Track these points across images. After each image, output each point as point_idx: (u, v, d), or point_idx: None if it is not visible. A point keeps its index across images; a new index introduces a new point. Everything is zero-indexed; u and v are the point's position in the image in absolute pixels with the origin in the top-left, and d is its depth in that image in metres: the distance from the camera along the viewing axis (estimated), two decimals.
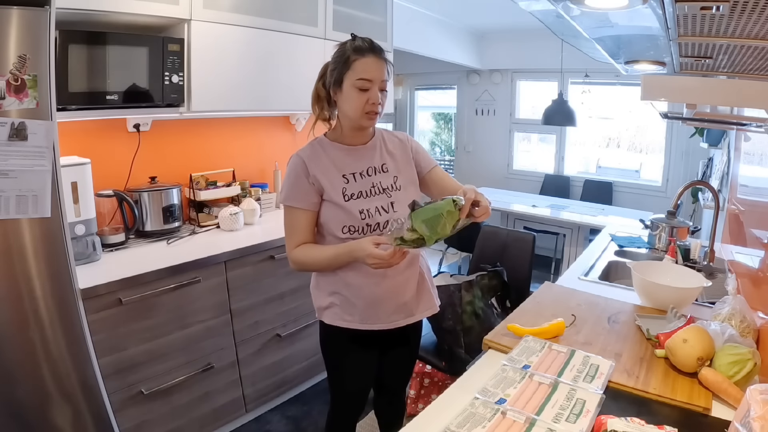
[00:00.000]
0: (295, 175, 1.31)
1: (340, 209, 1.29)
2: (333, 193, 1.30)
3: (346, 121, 1.33)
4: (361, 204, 1.31)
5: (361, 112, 1.26)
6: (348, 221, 1.30)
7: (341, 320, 1.38)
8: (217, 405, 2.01)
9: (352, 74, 1.24)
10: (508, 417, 0.89)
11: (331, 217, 1.31)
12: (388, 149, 1.41)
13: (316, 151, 1.34)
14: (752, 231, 1.58)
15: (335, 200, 1.30)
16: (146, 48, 1.81)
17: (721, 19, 0.74)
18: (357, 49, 1.25)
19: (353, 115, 1.28)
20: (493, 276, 2.04)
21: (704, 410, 0.97)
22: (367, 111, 1.26)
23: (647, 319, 1.34)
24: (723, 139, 3.06)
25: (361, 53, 1.24)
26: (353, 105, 1.26)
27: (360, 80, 1.23)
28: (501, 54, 5.16)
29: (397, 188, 1.37)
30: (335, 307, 1.38)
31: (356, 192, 1.32)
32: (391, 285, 1.35)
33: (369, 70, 1.24)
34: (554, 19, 1.29)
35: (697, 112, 1.47)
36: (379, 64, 1.25)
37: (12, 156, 1.29)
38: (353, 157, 1.35)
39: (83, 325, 1.50)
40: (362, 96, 1.24)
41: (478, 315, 1.90)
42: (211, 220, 2.33)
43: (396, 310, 1.38)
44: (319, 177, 1.30)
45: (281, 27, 2.25)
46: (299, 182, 1.30)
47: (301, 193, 1.30)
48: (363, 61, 1.24)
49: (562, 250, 4.14)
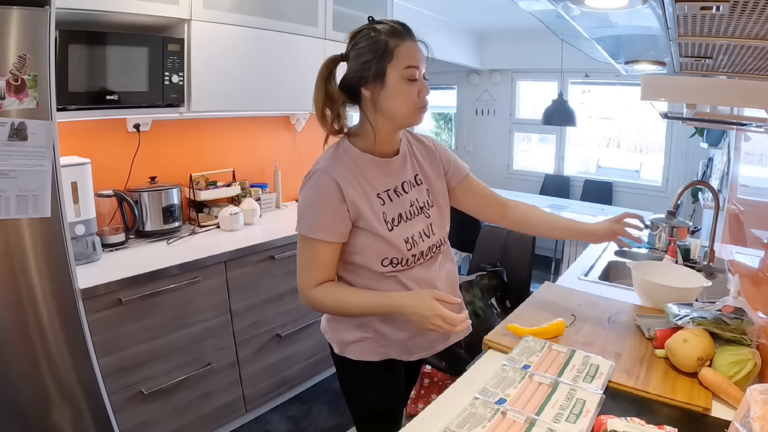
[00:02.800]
0: (325, 200, 1.05)
1: (381, 240, 1.08)
2: (374, 221, 1.08)
3: (388, 124, 1.09)
4: (404, 231, 1.11)
5: (413, 107, 1.05)
6: (391, 253, 1.09)
7: (374, 354, 1.18)
8: (217, 405, 2.01)
9: (397, 63, 1.02)
10: (508, 417, 0.89)
11: (367, 248, 1.09)
12: (417, 157, 1.20)
13: (346, 165, 1.08)
14: (752, 231, 1.58)
15: (377, 231, 1.08)
16: (146, 48, 1.81)
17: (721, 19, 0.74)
18: (394, 32, 1.03)
19: (403, 112, 1.06)
20: (493, 276, 2.04)
21: (704, 410, 0.97)
22: (419, 105, 1.06)
23: (647, 319, 1.34)
24: (723, 139, 3.06)
25: (401, 37, 1.03)
26: (404, 100, 1.04)
27: (409, 68, 1.02)
28: (501, 54, 5.16)
29: (431, 205, 1.19)
30: (367, 341, 1.17)
31: (396, 216, 1.11)
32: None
33: (415, 54, 1.03)
34: (554, 19, 1.29)
35: (697, 112, 1.47)
36: (419, 48, 1.06)
37: (12, 156, 1.29)
38: (386, 171, 1.13)
39: (83, 325, 1.50)
40: (412, 87, 1.03)
41: (478, 315, 1.90)
42: (211, 220, 2.33)
43: (439, 336, 1.21)
44: (357, 202, 1.06)
45: (281, 27, 2.25)
46: (331, 210, 1.05)
47: (332, 224, 1.06)
48: (406, 46, 1.03)
49: (562, 250, 4.13)
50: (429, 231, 1.17)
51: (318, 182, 1.07)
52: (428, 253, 1.17)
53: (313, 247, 1.07)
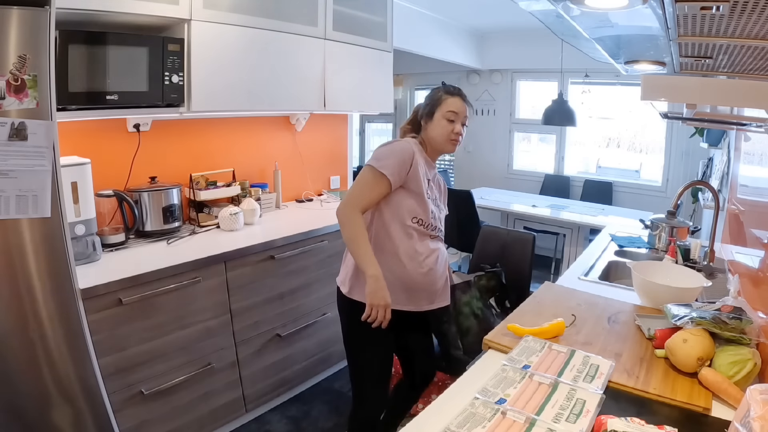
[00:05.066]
0: (402, 153, 1.50)
1: (420, 201, 1.52)
2: (422, 186, 1.52)
3: (432, 144, 1.59)
4: (432, 205, 1.57)
5: (447, 138, 1.55)
6: (421, 213, 1.53)
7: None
8: (217, 405, 2.01)
9: (443, 107, 1.55)
10: (508, 417, 0.89)
11: (408, 205, 1.51)
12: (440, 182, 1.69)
13: (420, 150, 1.58)
14: (752, 231, 1.58)
15: (421, 192, 1.52)
16: (146, 48, 1.81)
17: (721, 19, 0.74)
18: (449, 91, 1.58)
19: (440, 140, 1.56)
20: (492, 277, 2.04)
21: (704, 410, 0.97)
22: (451, 138, 1.55)
23: (647, 319, 1.34)
24: (723, 139, 3.06)
25: (451, 94, 1.57)
26: (441, 132, 1.55)
27: (449, 112, 1.54)
28: (501, 54, 5.16)
29: (443, 208, 1.67)
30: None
31: (431, 195, 1.59)
32: (434, 275, 1.58)
33: (456, 105, 1.55)
34: (554, 19, 1.29)
35: (697, 112, 1.47)
36: (464, 105, 1.57)
37: (12, 156, 1.29)
38: (430, 169, 1.62)
39: (83, 325, 1.50)
40: (449, 125, 1.54)
41: (477, 315, 1.90)
42: (211, 220, 2.33)
43: (427, 297, 1.59)
44: (418, 171, 1.51)
45: (281, 27, 2.25)
46: (402, 161, 1.49)
47: (399, 170, 1.48)
48: (452, 100, 1.56)
49: (562, 250, 4.14)
50: (440, 216, 1.64)
51: (403, 144, 1.54)
52: (436, 230, 1.60)
53: (378, 178, 1.48)
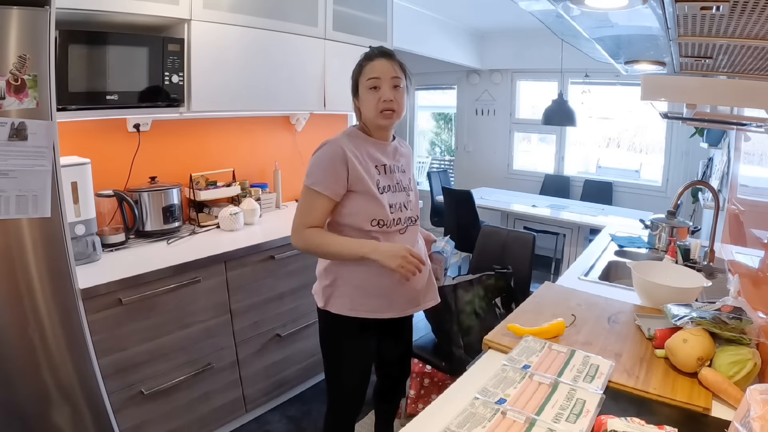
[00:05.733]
0: (330, 161, 1.32)
1: (373, 201, 1.34)
2: (370, 184, 1.34)
3: (369, 123, 1.40)
4: (391, 198, 1.39)
5: (376, 111, 1.33)
6: (379, 214, 1.35)
7: (350, 310, 1.40)
8: (217, 405, 2.01)
9: (363, 78, 1.34)
10: (508, 417, 0.89)
11: (361, 209, 1.35)
12: (402, 154, 1.50)
13: (353, 141, 1.38)
14: (752, 231, 1.58)
15: (370, 191, 1.34)
16: (146, 48, 1.81)
17: (721, 19, 0.74)
18: (367, 55, 1.37)
19: (370, 115, 1.35)
20: (500, 277, 2.03)
21: (704, 410, 0.97)
22: (381, 109, 1.33)
23: (647, 319, 1.34)
24: (723, 139, 3.06)
25: (370, 58, 1.35)
26: (368, 105, 1.34)
27: (369, 79, 1.32)
28: (501, 54, 5.16)
29: (411, 189, 1.48)
30: (345, 297, 1.40)
31: (386, 185, 1.39)
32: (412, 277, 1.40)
33: (376, 69, 1.33)
34: (554, 19, 1.29)
35: (697, 112, 1.47)
36: (388, 64, 1.33)
37: (12, 156, 1.29)
38: (381, 152, 1.42)
39: (83, 325, 1.50)
40: (374, 95, 1.33)
41: (478, 314, 1.90)
42: (211, 220, 2.33)
43: (409, 300, 1.45)
44: (357, 167, 1.33)
45: (281, 27, 2.25)
46: (334, 170, 1.32)
47: (333, 181, 1.32)
48: (371, 64, 1.34)
49: (562, 250, 4.14)
50: (408, 205, 1.44)
51: (329, 148, 1.34)
52: (405, 221, 1.43)
53: (314, 197, 1.33)
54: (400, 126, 6.34)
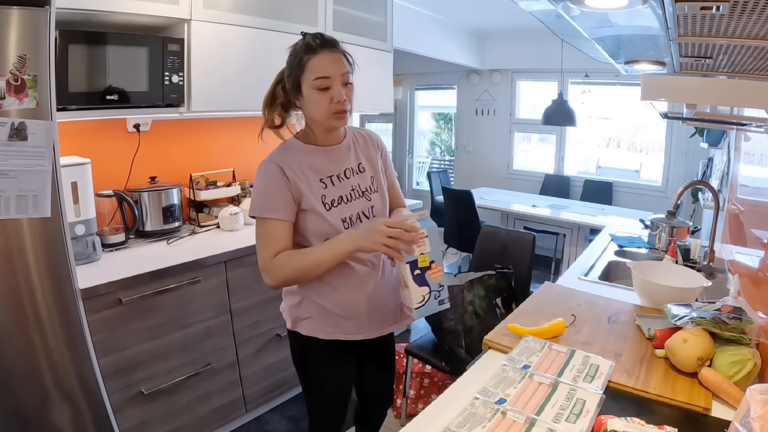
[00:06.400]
0: (272, 182, 1.18)
1: (321, 219, 1.20)
2: (313, 201, 1.20)
3: (315, 126, 1.23)
4: (342, 211, 1.23)
5: (328, 114, 1.17)
6: (331, 232, 1.21)
7: (320, 332, 1.28)
8: (217, 405, 2.01)
9: (308, 75, 1.15)
10: (508, 417, 0.89)
11: (311, 228, 1.21)
12: (361, 148, 1.33)
13: (290, 155, 1.22)
14: (752, 231, 1.58)
15: (316, 209, 1.20)
16: (146, 48, 1.81)
17: (721, 19, 0.74)
18: (308, 47, 1.15)
19: (320, 118, 1.18)
20: (501, 277, 2.03)
21: (704, 410, 0.97)
22: (334, 111, 1.16)
23: (647, 319, 1.34)
24: (723, 139, 3.06)
25: (313, 51, 1.14)
26: (317, 108, 1.16)
27: (317, 79, 1.14)
28: (501, 54, 5.17)
29: (374, 190, 1.31)
30: (313, 318, 1.28)
31: (336, 198, 1.23)
32: (380, 295, 1.29)
33: (324, 66, 1.14)
34: (554, 19, 1.29)
35: (697, 112, 1.47)
36: (335, 57, 1.15)
37: (12, 156, 1.29)
38: (328, 159, 1.25)
39: (83, 325, 1.50)
40: (324, 96, 1.15)
41: (479, 315, 1.90)
42: (211, 220, 2.33)
43: (381, 320, 1.32)
44: (298, 183, 1.19)
45: (281, 27, 2.25)
46: (277, 192, 1.18)
47: (280, 204, 1.17)
48: (316, 59, 1.14)
49: (562, 250, 4.14)
50: (369, 213, 1.28)
51: (265, 170, 1.20)
52: None
53: (266, 226, 1.19)
54: (401, 126, 6.35)
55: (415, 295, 1.13)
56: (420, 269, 1.13)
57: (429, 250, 1.13)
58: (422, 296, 1.14)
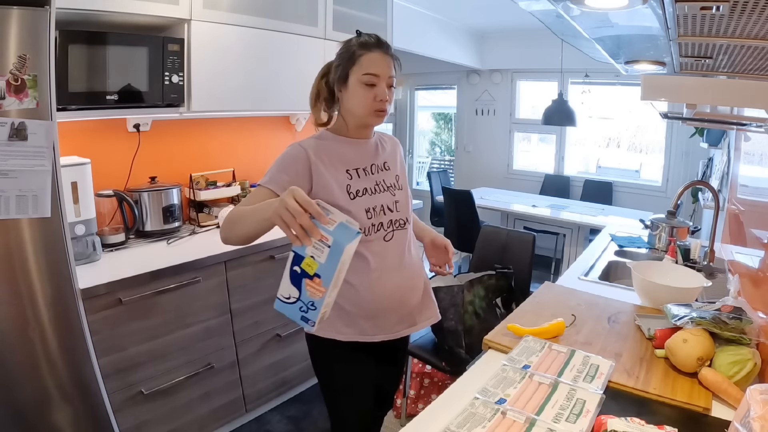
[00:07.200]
0: (290, 162, 1.19)
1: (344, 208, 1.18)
2: (338, 192, 1.20)
3: (352, 119, 1.26)
4: (366, 202, 1.23)
5: (369, 109, 1.21)
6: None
7: (337, 333, 1.25)
8: (217, 405, 2.01)
9: (358, 69, 1.19)
10: (508, 417, 0.89)
11: None
12: (387, 149, 1.36)
13: (320, 144, 1.25)
14: (752, 231, 1.58)
15: (340, 201, 1.19)
16: (146, 48, 1.81)
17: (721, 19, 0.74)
18: (363, 44, 1.21)
19: (360, 112, 1.22)
20: (501, 277, 2.03)
21: (704, 410, 0.97)
22: (375, 109, 1.21)
23: (647, 319, 1.34)
24: (723, 139, 3.06)
25: (368, 48, 1.20)
26: (360, 102, 1.20)
27: (366, 75, 1.18)
28: (501, 54, 5.17)
29: (399, 187, 1.32)
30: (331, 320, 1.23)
31: (361, 189, 1.23)
32: (398, 293, 1.26)
33: (375, 64, 1.19)
34: (554, 19, 1.29)
35: (697, 112, 1.46)
36: (386, 59, 1.21)
37: (12, 156, 1.29)
38: (357, 152, 1.28)
39: (83, 325, 1.50)
40: (369, 92, 1.19)
41: (479, 314, 1.90)
42: (211, 220, 2.33)
43: (400, 320, 1.29)
44: (322, 170, 1.20)
45: (281, 27, 2.25)
46: (292, 173, 1.17)
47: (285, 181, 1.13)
48: (369, 56, 1.19)
49: (562, 250, 4.14)
50: (393, 207, 1.28)
51: (291, 150, 1.23)
52: (389, 225, 1.26)
53: (260, 193, 1.16)
54: (401, 126, 6.35)
55: (284, 287, 0.99)
56: (300, 269, 0.95)
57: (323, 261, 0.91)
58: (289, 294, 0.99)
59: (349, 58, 1.20)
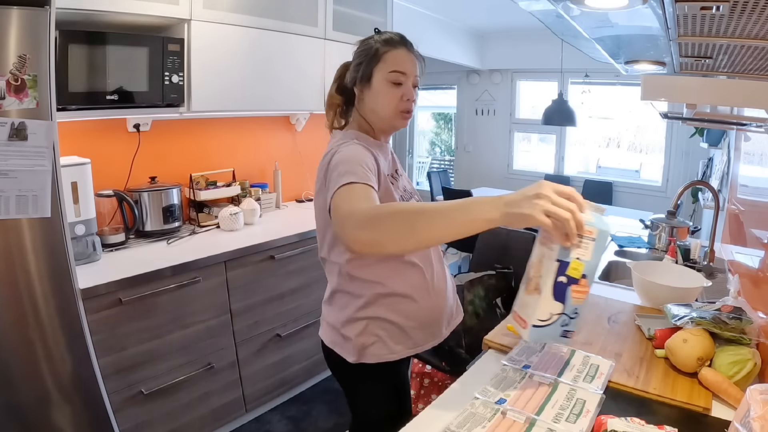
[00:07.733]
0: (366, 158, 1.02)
1: None
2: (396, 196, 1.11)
3: (377, 121, 1.15)
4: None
5: (395, 110, 1.11)
6: None
7: (390, 353, 1.15)
8: (217, 405, 2.01)
9: (383, 66, 1.10)
10: (508, 417, 0.89)
11: None
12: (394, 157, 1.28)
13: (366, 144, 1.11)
14: (752, 231, 1.58)
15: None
16: (146, 48, 1.81)
17: (721, 19, 0.74)
18: (388, 41, 1.13)
19: (386, 113, 1.12)
20: (501, 277, 2.03)
21: (704, 410, 0.97)
22: (402, 109, 1.11)
23: (647, 319, 1.34)
24: (723, 139, 3.07)
25: (393, 45, 1.12)
26: (386, 101, 1.10)
27: (393, 72, 1.09)
28: (501, 54, 5.17)
29: (414, 195, 1.24)
30: (381, 341, 1.13)
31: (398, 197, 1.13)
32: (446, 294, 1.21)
33: (402, 62, 1.11)
34: (554, 19, 1.29)
35: (697, 112, 1.46)
36: (412, 57, 1.14)
37: (12, 156, 1.29)
38: (385, 157, 1.17)
39: (83, 325, 1.50)
40: (396, 91, 1.10)
41: (479, 315, 1.90)
42: (211, 220, 2.33)
43: (447, 321, 1.25)
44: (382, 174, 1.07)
45: (281, 27, 2.25)
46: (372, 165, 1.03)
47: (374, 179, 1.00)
48: (395, 53, 1.11)
49: None
50: None
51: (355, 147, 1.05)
52: None
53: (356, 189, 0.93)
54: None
55: (543, 309, 0.83)
56: (567, 277, 0.81)
57: (589, 259, 0.80)
58: (550, 314, 0.83)
59: (373, 55, 1.12)
